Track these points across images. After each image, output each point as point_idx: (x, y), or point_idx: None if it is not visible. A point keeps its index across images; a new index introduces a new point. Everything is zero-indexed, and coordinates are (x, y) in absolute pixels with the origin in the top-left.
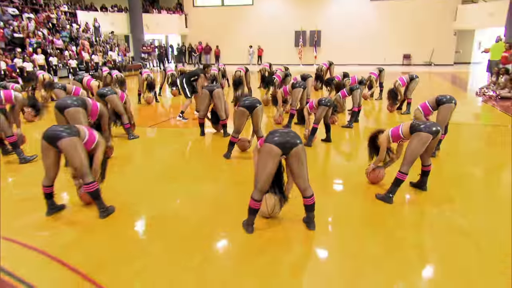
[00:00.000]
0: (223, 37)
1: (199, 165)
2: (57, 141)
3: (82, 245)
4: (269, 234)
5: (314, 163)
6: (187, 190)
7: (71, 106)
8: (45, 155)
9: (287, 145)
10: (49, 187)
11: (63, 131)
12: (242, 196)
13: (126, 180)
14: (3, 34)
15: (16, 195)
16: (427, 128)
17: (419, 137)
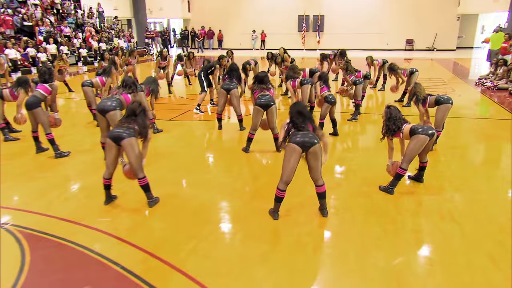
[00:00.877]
0: (226, 22)
1: (223, 158)
2: (121, 140)
3: (142, 229)
4: (292, 218)
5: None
6: (219, 182)
7: (111, 110)
8: (109, 152)
9: (307, 144)
10: (108, 179)
11: (125, 132)
12: (266, 188)
13: (163, 173)
14: (13, 22)
15: (67, 188)
16: (424, 132)
17: (417, 139)
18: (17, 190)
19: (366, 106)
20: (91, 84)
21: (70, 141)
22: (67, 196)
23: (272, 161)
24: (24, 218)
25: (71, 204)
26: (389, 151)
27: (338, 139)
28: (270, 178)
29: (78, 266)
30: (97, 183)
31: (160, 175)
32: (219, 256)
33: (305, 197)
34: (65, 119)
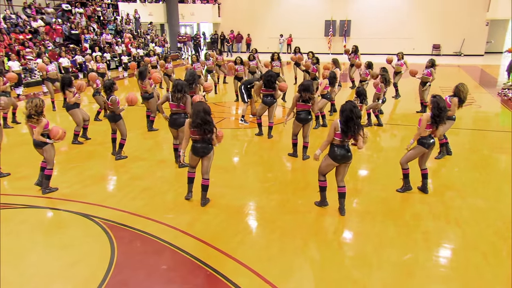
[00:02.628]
0: (254, 26)
1: (260, 163)
2: (206, 154)
3: (199, 224)
4: (319, 221)
5: None
6: (259, 186)
7: (182, 124)
8: (193, 161)
9: (343, 161)
10: (193, 172)
11: (208, 146)
12: (299, 192)
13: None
14: (62, 31)
15: (133, 186)
16: (425, 145)
17: (418, 148)
18: (94, 189)
19: (385, 116)
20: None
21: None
22: (133, 195)
23: (303, 167)
24: (105, 212)
25: (137, 202)
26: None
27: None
28: (302, 184)
29: (153, 251)
30: (156, 185)
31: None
32: (262, 247)
33: (331, 205)
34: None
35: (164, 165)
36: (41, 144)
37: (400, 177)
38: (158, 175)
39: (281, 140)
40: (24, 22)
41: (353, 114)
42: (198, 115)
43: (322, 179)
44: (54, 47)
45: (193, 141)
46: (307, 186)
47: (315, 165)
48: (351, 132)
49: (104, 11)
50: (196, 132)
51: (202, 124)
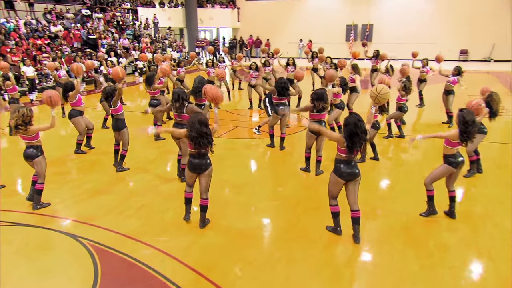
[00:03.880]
0: (273, 31)
1: (269, 179)
2: (204, 171)
3: (194, 249)
4: (330, 249)
5: (363, 183)
6: (265, 205)
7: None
8: (190, 179)
9: (350, 178)
10: (190, 192)
11: (207, 162)
12: (309, 213)
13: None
14: (80, 36)
15: (130, 204)
16: (453, 164)
17: (443, 167)
18: (89, 205)
19: (408, 126)
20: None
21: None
22: (129, 213)
23: (316, 184)
24: (95, 232)
25: (133, 221)
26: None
27: (378, 164)
28: (313, 203)
29: (139, 282)
30: (156, 202)
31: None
32: (264, 281)
33: (344, 230)
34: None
35: (167, 179)
36: (32, 156)
37: (424, 199)
38: (160, 189)
39: (293, 152)
40: (43, 28)
41: (358, 129)
42: (193, 127)
43: (334, 203)
44: (71, 52)
45: (190, 155)
46: (319, 206)
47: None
48: (356, 148)
49: (123, 16)
50: (192, 146)
51: (197, 137)
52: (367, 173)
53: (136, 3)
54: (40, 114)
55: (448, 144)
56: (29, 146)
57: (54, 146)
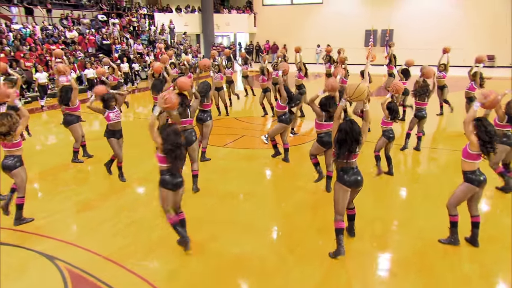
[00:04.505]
0: (290, 36)
1: (271, 196)
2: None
3: (178, 279)
4: (333, 271)
5: (375, 201)
6: (264, 226)
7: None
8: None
9: (355, 186)
10: (173, 216)
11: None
12: (311, 236)
13: (203, 212)
14: (95, 41)
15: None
16: (474, 182)
17: (464, 186)
18: (74, 221)
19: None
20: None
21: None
22: (116, 230)
23: (324, 201)
24: (75, 254)
25: (117, 241)
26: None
27: (392, 179)
28: (318, 224)
29: None
30: (146, 218)
31: (200, 214)
32: None
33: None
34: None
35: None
36: (11, 167)
37: (444, 222)
38: (153, 204)
39: (301, 164)
40: (59, 33)
41: (348, 136)
42: (168, 139)
43: (340, 218)
44: (84, 57)
45: (161, 172)
46: (324, 226)
47: None
48: (342, 155)
49: (139, 21)
50: (165, 160)
51: (173, 150)
52: (380, 189)
53: (152, 9)
54: (49, 119)
55: (467, 157)
56: (8, 155)
57: (53, 154)
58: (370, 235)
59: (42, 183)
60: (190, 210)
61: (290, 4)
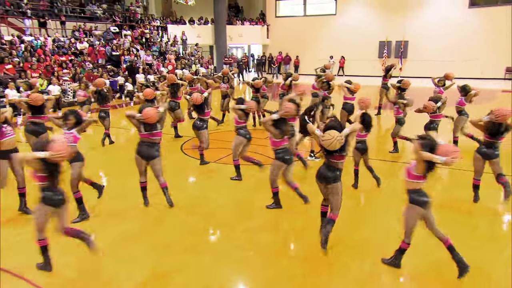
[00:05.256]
0: (303, 47)
1: (255, 219)
2: None
3: None
4: None
5: (357, 226)
6: (234, 257)
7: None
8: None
9: (320, 181)
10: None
11: None
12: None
13: (176, 236)
14: (105, 52)
15: None
16: (418, 202)
17: (411, 209)
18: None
19: None
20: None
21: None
22: (69, 260)
23: (311, 226)
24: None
25: (67, 273)
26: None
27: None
28: (301, 252)
29: None
30: (106, 246)
31: (172, 238)
32: None
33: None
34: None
35: (138, 213)
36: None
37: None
38: (120, 229)
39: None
40: (69, 44)
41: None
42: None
43: (324, 203)
44: (91, 69)
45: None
46: (308, 256)
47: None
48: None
49: (152, 33)
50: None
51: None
52: (372, 206)
53: (166, 21)
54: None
55: (411, 178)
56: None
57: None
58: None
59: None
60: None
61: (303, 15)
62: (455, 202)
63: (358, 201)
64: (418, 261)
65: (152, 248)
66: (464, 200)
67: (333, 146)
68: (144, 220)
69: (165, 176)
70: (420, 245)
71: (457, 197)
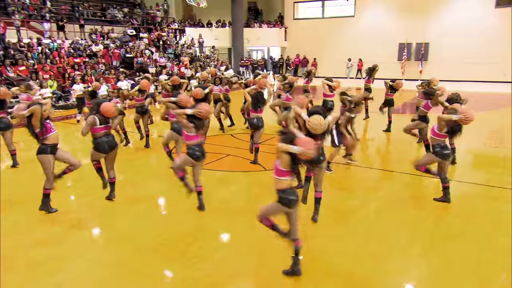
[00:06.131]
0: (321, 50)
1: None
2: None
3: None
4: None
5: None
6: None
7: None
8: None
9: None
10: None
11: None
12: None
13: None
14: (119, 54)
15: None
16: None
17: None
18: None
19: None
20: None
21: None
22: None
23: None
24: None
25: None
26: None
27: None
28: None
29: None
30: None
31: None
32: None
33: None
34: None
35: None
36: None
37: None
38: (101, 255)
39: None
40: (85, 46)
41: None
42: None
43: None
44: (103, 70)
45: None
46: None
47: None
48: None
49: (168, 35)
50: None
51: None
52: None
53: (184, 24)
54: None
55: (279, 175)
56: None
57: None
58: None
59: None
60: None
61: (321, 17)
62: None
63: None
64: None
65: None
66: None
67: (316, 131)
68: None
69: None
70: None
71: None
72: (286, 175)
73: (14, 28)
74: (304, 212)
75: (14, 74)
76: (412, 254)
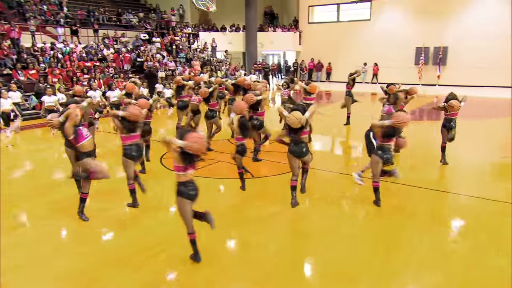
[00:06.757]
0: (336, 54)
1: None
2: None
3: None
4: None
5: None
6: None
7: None
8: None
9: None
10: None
11: None
12: None
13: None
14: (130, 58)
15: None
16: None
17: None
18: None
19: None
20: None
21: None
22: None
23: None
24: None
25: None
26: None
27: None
28: None
29: None
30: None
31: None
32: None
33: None
34: None
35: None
36: None
37: None
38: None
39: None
40: (96, 50)
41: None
42: None
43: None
44: (113, 74)
45: None
46: None
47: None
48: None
49: (181, 40)
50: None
51: None
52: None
53: (198, 28)
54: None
55: (176, 169)
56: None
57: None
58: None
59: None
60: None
61: (336, 21)
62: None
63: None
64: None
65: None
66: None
67: (294, 125)
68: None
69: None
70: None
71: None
72: (180, 170)
73: (29, 33)
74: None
75: (25, 78)
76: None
